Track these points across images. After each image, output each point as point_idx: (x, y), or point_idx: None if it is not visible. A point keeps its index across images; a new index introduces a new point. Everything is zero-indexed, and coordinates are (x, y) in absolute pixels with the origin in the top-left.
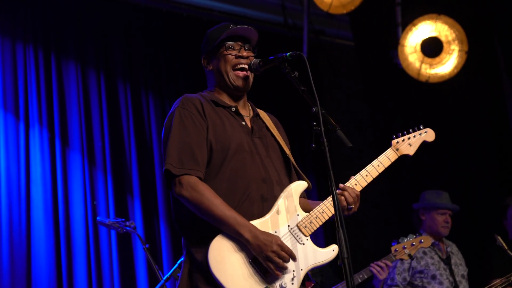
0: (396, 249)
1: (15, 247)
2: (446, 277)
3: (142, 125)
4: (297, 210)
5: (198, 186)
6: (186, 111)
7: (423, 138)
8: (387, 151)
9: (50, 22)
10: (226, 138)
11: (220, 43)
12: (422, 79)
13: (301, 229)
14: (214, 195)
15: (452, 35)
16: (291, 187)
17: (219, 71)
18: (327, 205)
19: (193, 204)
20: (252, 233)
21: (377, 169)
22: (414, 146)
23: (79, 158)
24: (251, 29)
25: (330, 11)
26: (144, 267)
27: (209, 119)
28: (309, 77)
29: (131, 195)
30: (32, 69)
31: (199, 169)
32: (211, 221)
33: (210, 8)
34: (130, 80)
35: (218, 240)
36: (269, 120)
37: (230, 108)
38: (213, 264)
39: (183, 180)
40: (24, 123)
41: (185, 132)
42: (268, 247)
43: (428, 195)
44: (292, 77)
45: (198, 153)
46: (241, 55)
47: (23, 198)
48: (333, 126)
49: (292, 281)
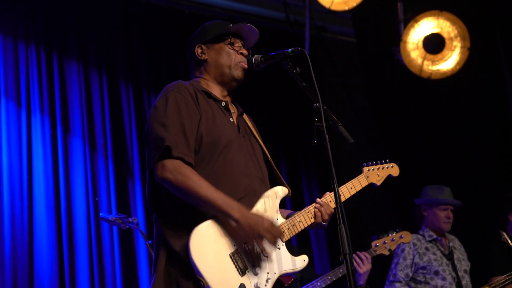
0: (376, 244)
1: (17, 243)
2: (448, 273)
3: (144, 121)
4: (277, 214)
5: (182, 169)
6: (181, 96)
7: (389, 172)
8: (360, 177)
9: (51, 17)
10: (217, 132)
11: (223, 36)
12: (424, 76)
13: None
14: (200, 178)
15: (454, 32)
16: (274, 190)
17: (219, 63)
18: (305, 215)
19: (178, 187)
20: (241, 213)
21: (349, 191)
22: (381, 177)
23: (81, 154)
24: (256, 31)
25: (332, 7)
26: (146, 263)
27: (202, 109)
28: (311, 73)
29: (133, 191)
30: (34, 66)
31: (191, 155)
32: (198, 203)
33: (212, 4)
34: (131, 75)
35: (201, 227)
36: (250, 122)
37: (221, 103)
38: (193, 250)
39: (167, 163)
40: (27, 125)
41: (179, 116)
42: (260, 225)
43: (430, 191)
44: (294, 73)
45: (190, 140)
46: (242, 52)
47: (25, 194)
48: (335, 122)
49: (266, 283)
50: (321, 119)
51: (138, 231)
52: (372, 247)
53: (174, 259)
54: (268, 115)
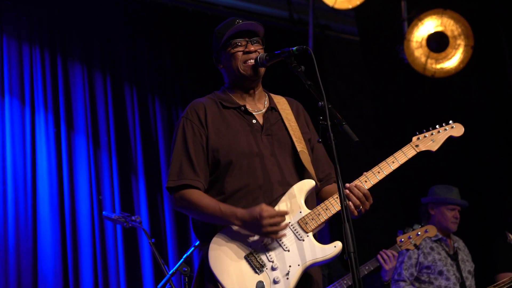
0: (401, 239)
1: (21, 242)
2: (453, 273)
3: (147, 120)
4: (301, 207)
5: (185, 195)
6: (188, 121)
7: (450, 133)
8: (405, 147)
9: (54, 19)
10: (231, 145)
11: (227, 41)
12: (428, 74)
13: (302, 226)
14: (201, 197)
15: (458, 30)
16: (294, 187)
17: (230, 68)
18: (332, 202)
19: (187, 212)
20: (239, 219)
21: (391, 165)
22: (437, 142)
23: (85, 152)
24: (255, 23)
25: (336, 6)
26: (150, 262)
27: (211, 127)
28: (316, 71)
29: (137, 189)
30: (39, 67)
31: (197, 179)
32: (207, 220)
33: (215, 3)
34: (135, 74)
35: (217, 237)
36: (288, 109)
37: (240, 108)
38: (211, 260)
39: (175, 196)
40: (31, 124)
41: (185, 145)
42: (259, 224)
43: (438, 190)
44: (299, 72)
45: (196, 163)
46: (248, 50)
47: (29, 192)
48: (339, 120)
49: (287, 276)
50: (326, 118)
51: (141, 229)
52: (398, 242)
53: (205, 265)
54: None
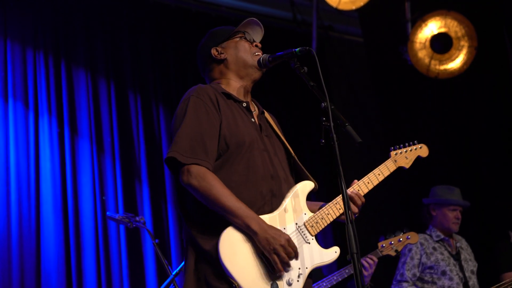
0: (383, 245)
1: (24, 243)
2: (456, 273)
3: (151, 120)
4: (304, 209)
5: (207, 176)
6: (201, 101)
7: (418, 153)
8: (387, 162)
9: (59, 25)
10: (240, 133)
11: (234, 34)
12: (431, 75)
13: (308, 228)
14: (223, 186)
15: (462, 31)
16: (298, 186)
17: (239, 57)
18: (333, 207)
19: (201, 194)
20: (260, 226)
21: (377, 178)
22: (410, 160)
23: (88, 153)
24: (261, 26)
25: (339, 7)
26: (153, 262)
27: (222, 113)
28: (319, 72)
29: (141, 190)
30: (43, 73)
31: (208, 160)
32: (220, 211)
33: (219, 4)
34: (139, 74)
35: (229, 230)
36: (272, 120)
37: (242, 103)
38: (223, 253)
39: (192, 169)
40: (34, 130)
41: (198, 122)
42: (277, 241)
43: (439, 191)
44: (302, 73)
45: (209, 145)
46: (257, 44)
47: (33, 193)
48: (342, 121)
49: (298, 278)
50: (329, 119)
51: (145, 230)
52: (379, 247)
53: (203, 259)
54: (275, 114)
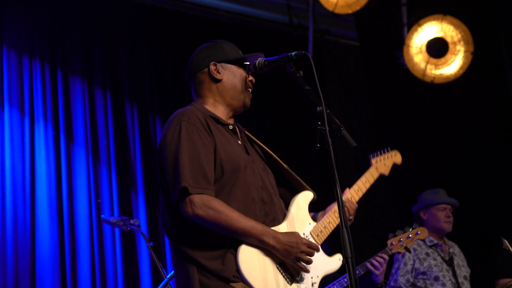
0: (392, 243)
1: (19, 245)
2: (448, 279)
3: (146, 123)
4: (308, 219)
5: (211, 203)
6: (193, 126)
7: (393, 160)
8: (371, 169)
9: (55, 33)
10: (234, 157)
11: (242, 61)
12: (427, 80)
13: (314, 238)
14: (230, 209)
15: (458, 36)
16: (299, 197)
17: (235, 87)
18: (332, 215)
19: (210, 222)
20: (275, 239)
21: (365, 185)
22: (387, 167)
23: (83, 156)
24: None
25: (336, 11)
26: (148, 265)
27: (215, 136)
28: (314, 76)
29: (136, 193)
30: (39, 81)
31: (210, 187)
32: (232, 235)
33: (216, 7)
34: (135, 80)
35: (244, 248)
36: (253, 137)
37: (228, 126)
38: (245, 271)
39: (195, 199)
40: (30, 135)
41: (193, 149)
42: (296, 249)
43: (425, 195)
44: (297, 77)
45: (208, 172)
46: (252, 79)
47: (28, 196)
48: (338, 125)
49: (312, 287)
50: (324, 123)
51: (139, 233)
52: (388, 246)
53: (209, 277)
54: (270, 118)
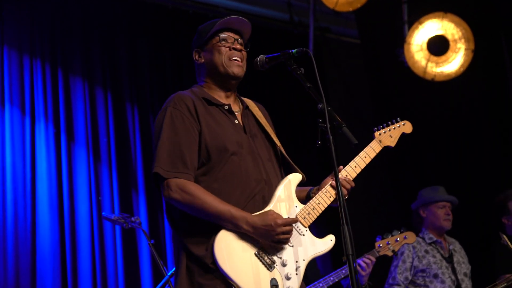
0: (380, 245)
1: (20, 243)
2: (448, 276)
3: (147, 121)
4: (295, 201)
5: (187, 187)
6: (178, 112)
7: (402, 130)
8: (372, 143)
9: (56, 33)
10: (222, 139)
11: (214, 34)
12: (428, 78)
13: (300, 221)
14: (205, 193)
15: (459, 34)
16: (288, 178)
17: (213, 62)
18: (323, 196)
19: (185, 205)
20: (249, 224)
21: (364, 160)
22: (394, 138)
23: (84, 153)
24: (245, 21)
25: (336, 8)
26: (149, 263)
27: (202, 120)
28: (315, 74)
29: (136, 190)
30: (40, 80)
31: (188, 172)
32: (207, 219)
33: (216, 5)
34: (135, 77)
35: (222, 233)
36: (258, 110)
37: (223, 106)
38: (219, 258)
39: (171, 183)
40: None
41: (174, 134)
42: (272, 231)
43: (424, 192)
44: (298, 74)
45: (188, 156)
46: (235, 47)
47: (29, 194)
48: (339, 123)
49: (296, 271)
50: (325, 120)
51: (140, 230)
52: (376, 247)
53: (194, 262)
54: (271, 115)
